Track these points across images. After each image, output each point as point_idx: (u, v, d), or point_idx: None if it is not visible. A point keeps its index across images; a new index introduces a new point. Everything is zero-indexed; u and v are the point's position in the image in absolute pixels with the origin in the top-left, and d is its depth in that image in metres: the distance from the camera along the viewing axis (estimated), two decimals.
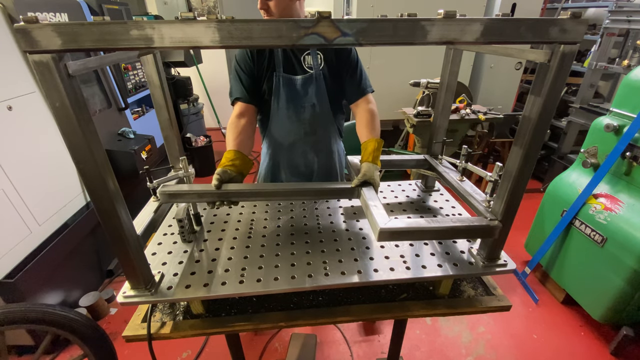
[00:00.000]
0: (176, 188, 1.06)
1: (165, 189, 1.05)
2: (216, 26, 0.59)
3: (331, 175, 1.66)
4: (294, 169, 1.62)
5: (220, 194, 1.04)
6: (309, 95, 1.44)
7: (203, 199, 1.08)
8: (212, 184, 1.05)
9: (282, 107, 1.46)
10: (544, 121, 0.76)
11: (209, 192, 1.05)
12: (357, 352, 2.03)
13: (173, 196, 1.06)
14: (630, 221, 1.84)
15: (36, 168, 2.00)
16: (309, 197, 1.34)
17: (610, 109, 2.10)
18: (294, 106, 1.45)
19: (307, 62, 1.42)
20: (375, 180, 1.09)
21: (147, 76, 1.13)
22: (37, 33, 0.55)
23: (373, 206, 0.94)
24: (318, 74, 1.41)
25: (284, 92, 1.43)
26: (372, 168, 1.11)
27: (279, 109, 1.47)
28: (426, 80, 2.81)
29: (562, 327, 2.21)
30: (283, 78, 1.41)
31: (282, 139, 1.54)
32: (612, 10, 2.93)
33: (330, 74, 1.43)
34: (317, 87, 1.42)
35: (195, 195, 1.06)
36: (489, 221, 0.90)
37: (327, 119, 1.52)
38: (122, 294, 0.89)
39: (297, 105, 1.45)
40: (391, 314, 1.04)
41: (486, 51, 1.08)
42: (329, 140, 1.59)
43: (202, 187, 1.06)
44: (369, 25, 0.61)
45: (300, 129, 1.50)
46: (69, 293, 2.17)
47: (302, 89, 1.43)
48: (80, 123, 0.65)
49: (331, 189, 1.12)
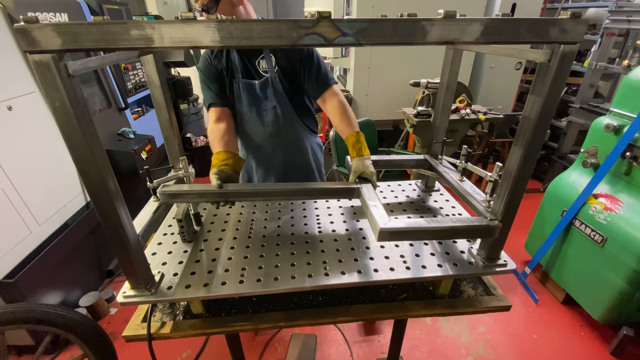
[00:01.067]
0: (176, 188, 1.06)
1: (165, 189, 1.05)
2: (216, 26, 0.59)
3: (308, 172, 1.68)
4: (267, 169, 1.65)
5: (220, 193, 1.05)
6: (268, 98, 1.46)
7: (203, 199, 1.08)
8: (213, 184, 1.05)
9: (245, 112, 1.49)
10: (544, 121, 0.75)
11: (209, 192, 1.05)
12: (357, 352, 2.03)
13: (173, 196, 1.07)
14: (630, 221, 1.84)
15: (36, 168, 2.00)
16: (309, 197, 1.34)
17: (610, 109, 2.10)
18: (257, 110, 1.48)
19: (262, 66, 1.43)
20: (367, 172, 1.12)
21: (147, 76, 1.13)
22: (37, 33, 0.55)
23: (373, 206, 0.94)
24: (274, 77, 1.42)
25: (245, 97, 1.46)
26: (361, 162, 1.15)
27: (243, 114, 1.50)
28: (426, 80, 2.81)
29: (562, 327, 2.20)
30: (243, 83, 1.44)
31: (251, 140, 1.58)
32: (612, 10, 2.93)
33: (285, 75, 1.44)
34: (274, 90, 1.44)
35: (195, 195, 1.07)
36: (489, 221, 0.90)
37: (292, 119, 1.53)
38: (122, 294, 0.89)
39: (259, 108, 1.48)
40: (391, 314, 1.04)
41: (486, 51, 1.08)
42: (297, 139, 1.60)
43: (203, 187, 1.06)
44: (369, 25, 0.61)
45: (265, 131, 1.53)
46: (69, 293, 2.17)
47: (262, 92, 1.45)
48: (80, 123, 0.65)
49: (331, 189, 1.12)
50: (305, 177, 1.69)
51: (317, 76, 1.42)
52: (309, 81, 1.44)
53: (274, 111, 1.48)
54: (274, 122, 1.51)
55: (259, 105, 1.47)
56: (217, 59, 1.42)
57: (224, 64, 1.42)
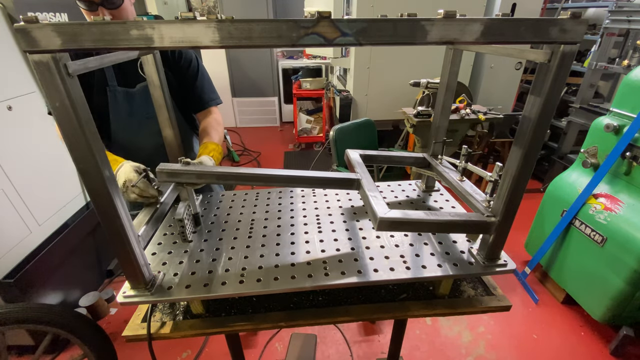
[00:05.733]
0: (175, 167, 1.05)
1: (164, 167, 1.04)
2: (216, 26, 0.59)
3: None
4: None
5: (219, 175, 1.04)
6: (152, 105, 1.32)
7: (202, 180, 1.08)
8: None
9: (122, 123, 1.36)
10: (544, 121, 0.75)
11: (207, 172, 1.04)
12: (357, 352, 2.03)
13: (172, 175, 1.05)
14: (630, 221, 1.84)
15: (36, 168, 2.00)
16: (308, 185, 1.32)
17: (610, 109, 2.10)
18: (138, 120, 1.37)
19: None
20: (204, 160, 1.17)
21: (147, 76, 1.13)
22: (37, 33, 0.55)
23: (372, 197, 0.95)
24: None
25: (123, 107, 1.34)
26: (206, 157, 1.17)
27: (118, 129, 1.37)
28: (426, 80, 2.81)
29: (562, 327, 2.21)
30: (119, 92, 1.32)
31: (135, 155, 1.31)
32: (612, 10, 2.93)
33: (174, 79, 1.37)
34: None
35: (193, 175, 1.06)
36: (485, 217, 0.91)
37: (181, 126, 1.40)
38: (122, 294, 0.89)
39: (142, 117, 1.37)
40: (391, 314, 1.04)
41: (486, 51, 1.08)
42: (189, 146, 1.57)
43: (201, 167, 1.06)
44: (369, 25, 0.61)
45: (150, 141, 1.41)
46: (69, 293, 2.17)
47: (142, 99, 1.34)
48: (80, 123, 0.65)
49: (331, 179, 1.11)
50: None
51: (200, 93, 1.42)
52: (193, 95, 1.43)
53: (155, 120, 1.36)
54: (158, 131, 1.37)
55: (141, 114, 1.40)
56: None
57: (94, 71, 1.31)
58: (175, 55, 1.39)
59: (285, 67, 5.62)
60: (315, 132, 5.12)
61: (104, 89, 1.31)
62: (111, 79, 1.31)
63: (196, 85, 1.41)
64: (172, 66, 1.37)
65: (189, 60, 1.41)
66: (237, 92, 5.74)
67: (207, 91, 1.44)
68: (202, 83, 1.43)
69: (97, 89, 1.31)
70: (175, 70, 1.38)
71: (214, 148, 1.27)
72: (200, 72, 1.42)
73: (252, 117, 6.03)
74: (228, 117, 5.85)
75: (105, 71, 1.30)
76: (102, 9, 1.19)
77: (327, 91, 4.23)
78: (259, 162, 4.69)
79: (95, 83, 1.30)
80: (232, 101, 5.76)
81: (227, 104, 5.67)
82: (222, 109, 5.92)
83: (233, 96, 5.74)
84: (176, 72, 1.39)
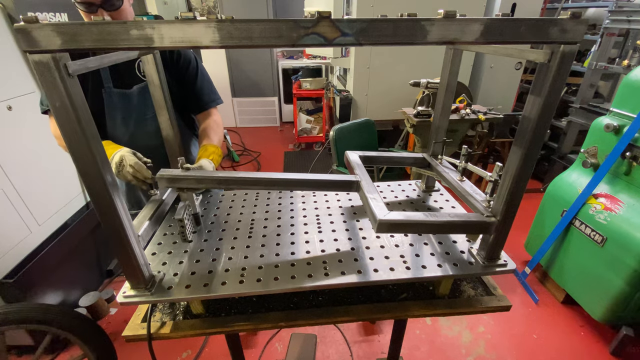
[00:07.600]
0: (175, 173, 1.06)
1: (164, 172, 1.05)
2: (216, 26, 0.59)
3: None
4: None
5: (219, 179, 1.04)
6: (149, 106, 1.32)
7: (202, 184, 1.08)
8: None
9: (118, 125, 1.35)
10: (544, 121, 0.75)
11: (208, 177, 1.04)
12: (357, 352, 2.03)
13: (172, 181, 1.06)
14: (630, 221, 1.84)
15: (36, 168, 2.00)
16: (308, 189, 1.33)
17: (610, 109, 2.10)
18: (134, 122, 1.36)
19: (143, 68, 1.31)
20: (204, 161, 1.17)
21: (147, 76, 1.13)
22: (37, 33, 0.55)
23: (372, 199, 0.95)
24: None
25: (119, 108, 1.33)
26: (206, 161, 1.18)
27: (114, 130, 1.36)
28: (426, 80, 2.81)
29: (562, 327, 2.21)
30: (114, 94, 1.30)
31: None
32: (612, 10, 2.93)
33: (173, 80, 1.35)
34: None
35: (193, 181, 1.06)
36: (485, 217, 0.91)
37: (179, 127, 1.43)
38: (122, 294, 0.89)
39: (138, 118, 1.37)
40: (391, 314, 1.04)
41: (486, 51, 1.08)
42: (187, 148, 1.55)
43: (201, 173, 1.07)
44: (369, 25, 0.61)
45: (146, 142, 1.40)
46: (69, 293, 2.17)
47: (138, 100, 1.34)
48: (80, 123, 0.65)
49: (331, 181, 1.11)
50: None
51: (199, 94, 1.42)
52: (193, 95, 1.43)
53: (154, 120, 1.35)
54: (157, 132, 1.37)
55: (139, 115, 1.39)
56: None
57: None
58: (174, 57, 1.38)
59: (285, 67, 5.62)
60: (315, 132, 5.12)
61: (99, 90, 1.30)
62: (107, 80, 1.30)
63: (196, 86, 1.41)
64: (170, 68, 1.36)
65: (188, 61, 1.41)
66: (237, 92, 5.74)
67: (206, 92, 1.44)
68: (201, 84, 1.42)
69: (92, 91, 1.30)
70: (174, 72, 1.38)
71: (214, 151, 1.27)
72: (200, 73, 1.42)
73: (252, 117, 6.03)
74: (228, 117, 5.85)
75: (100, 72, 1.29)
76: (101, 11, 1.19)
77: (327, 91, 4.24)
78: (258, 162, 4.69)
79: (90, 85, 1.29)
80: (232, 101, 5.77)
81: (227, 104, 5.67)
82: (222, 109, 5.93)
83: (233, 96, 5.74)
84: (175, 73, 1.38)
